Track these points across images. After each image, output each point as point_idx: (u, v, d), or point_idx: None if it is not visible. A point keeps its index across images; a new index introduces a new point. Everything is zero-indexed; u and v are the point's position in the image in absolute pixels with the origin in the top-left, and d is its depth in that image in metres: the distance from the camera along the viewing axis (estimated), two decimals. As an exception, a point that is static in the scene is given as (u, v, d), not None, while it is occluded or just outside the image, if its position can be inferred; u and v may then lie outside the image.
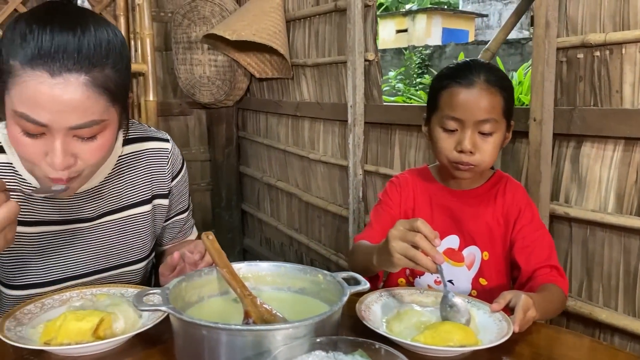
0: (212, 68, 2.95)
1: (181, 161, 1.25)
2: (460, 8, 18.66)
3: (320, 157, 2.51)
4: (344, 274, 0.88)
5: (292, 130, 2.79)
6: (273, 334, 0.70)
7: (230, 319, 0.84)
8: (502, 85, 1.17)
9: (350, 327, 0.93)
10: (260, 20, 2.48)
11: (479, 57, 1.90)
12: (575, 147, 1.47)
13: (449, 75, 1.20)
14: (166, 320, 0.86)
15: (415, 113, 1.95)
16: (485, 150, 1.16)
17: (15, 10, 2.62)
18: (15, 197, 0.99)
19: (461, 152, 1.17)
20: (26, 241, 1.03)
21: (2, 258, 1.03)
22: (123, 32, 2.64)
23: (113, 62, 0.87)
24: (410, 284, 1.31)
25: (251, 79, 3.05)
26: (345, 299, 0.78)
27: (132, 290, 0.99)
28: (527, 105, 1.59)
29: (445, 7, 18.56)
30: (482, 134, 1.16)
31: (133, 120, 1.20)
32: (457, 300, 0.93)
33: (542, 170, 1.48)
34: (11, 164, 1.01)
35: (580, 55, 1.42)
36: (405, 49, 11.92)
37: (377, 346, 0.69)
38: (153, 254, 1.23)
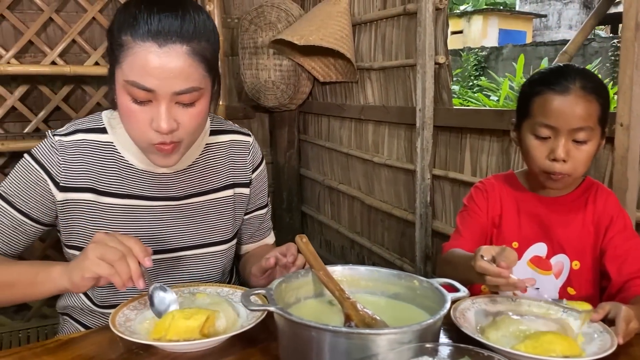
0: (277, 72, 2.99)
1: (261, 156, 1.34)
2: (517, 9, 18.20)
3: (385, 161, 2.50)
4: (441, 280, 0.88)
5: (355, 133, 2.80)
6: (380, 338, 0.71)
7: (327, 320, 0.85)
8: (598, 92, 1.13)
9: (443, 333, 0.93)
10: (327, 24, 2.50)
11: (555, 60, 1.85)
12: (665, 153, 1.41)
13: (542, 80, 1.17)
14: (264, 319, 0.89)
15: (489, 117, 1.92)
16: (578, 159, 1.13)
17: (94, 18, 2.75)
18: (112, 171, 1.12)
19: (554, 160, 1.14)
20: (117, 212, 1.13)
21: (93, 227, 1.11)
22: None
23: (207, 37, 1.00)
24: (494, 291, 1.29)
25: (314, 82, 3.08)
26: (448, 305, 0.78)
27: (227, 290, 1.02)
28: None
29: (501, 7, 18.14)
30: (576, 142, 1.13)
31: (219, 116, 1.30)
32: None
33: (629, 177, 1.43)
34: (112, 142, 1.13)
35: (674, 58, 1.37)
36: (461, 50, 11.74)
37: (485, 354, 0.69)
38: (234, 242, 1.28)
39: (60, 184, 1.09)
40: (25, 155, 1.12)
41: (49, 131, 1.13)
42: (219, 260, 1.24)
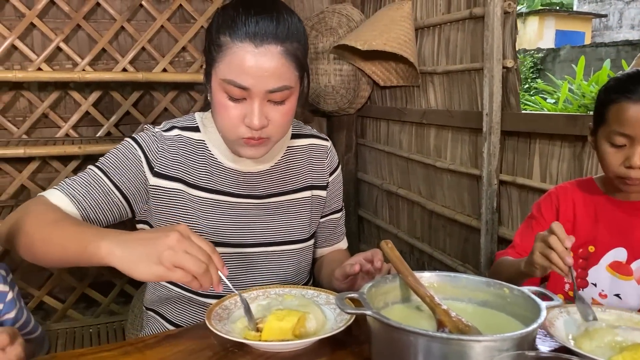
0: (337, 77, 3.02)
1: (337, 161, 1.39)
2: (575, 8, 17.60)
3: (448, 166, 2.48)
4: (533, 289, 0.87)
5: (416, 137, 2.79)
6: (480, 345, 0.71)
7: (416, 325, 0.85)
8: None
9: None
10: (391, 29, 2.50)
11: (633, 63, 1.79)
12: None
13: (617, 88, 1.14)
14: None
15: (561, 122, 1.87)
16: None
17: (162, 26, 2.85)
18: (202, 166, 1.19)
19: (629, 167, 1.12)
20: (204, 204, 1.18)
21: (181, 216, 1.17)
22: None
23: (299, 38, 1.07)
24: (569, 299, 1.27)
25: (373, 87, 3.09)
26: (545, 314, 0.78)
27: (311, 292, 1.04)
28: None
29: (558, 8, 17.58)
30: None
31: (299, 121, 1.35)
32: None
33: None
34: (204, 141, 1.21)
35: None
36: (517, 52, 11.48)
37: (588, 365, 0.68)
38: (311, 243, 1.33)
39: (155, 169, 1.16)
40: (127, 138, 1.19)
41: (148, 125, 1.22)
42: (295, 259, 1.27)
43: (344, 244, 1.44)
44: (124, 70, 2.79)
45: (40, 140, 2.70)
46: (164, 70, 2.86)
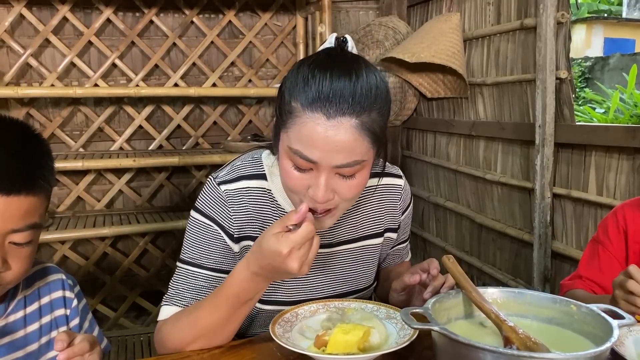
0: (383, 89, 3.02)
1: (410, 197, 1.29)
2: (624, 15, 17.03)
3: (498, 178, 2.44)
4: (602, 306, 0.85)
5: (464, 149, 2.76)
6: (552, 364, 0.70)
7: (481, 342, 0.84)
8: None
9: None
10: (439, 41, 2.50)
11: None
12: None
13: None
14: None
15: (619, 134, 1.82)
16: None
17: (212, 42, 2.92)
18: (271, 219, 1.11)
19: None
20: None
21: None
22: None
23: (379, 107, 0.93)
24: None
25: (419, 98, 3.08)
26: (617, 332, 0.76)
27: (371, 306, 1.04)
28: None
29: (606, 15, 17.07)
30: None
31: None
32: None
33: None
34: (270, 190, 1.12)
35: None
36: (562, 61, 11.19)
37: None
38: (374, 285, 1.28)
39: (235, 236, 1.10)
40: (193, 213, 1.11)
41: (211, 178, 1.13)
42: None
43: (407, 257, 1.38)
44: (176, 85, 2.88)
45: (96, 153, 2.80)
46: (214, 84, 2.93)
